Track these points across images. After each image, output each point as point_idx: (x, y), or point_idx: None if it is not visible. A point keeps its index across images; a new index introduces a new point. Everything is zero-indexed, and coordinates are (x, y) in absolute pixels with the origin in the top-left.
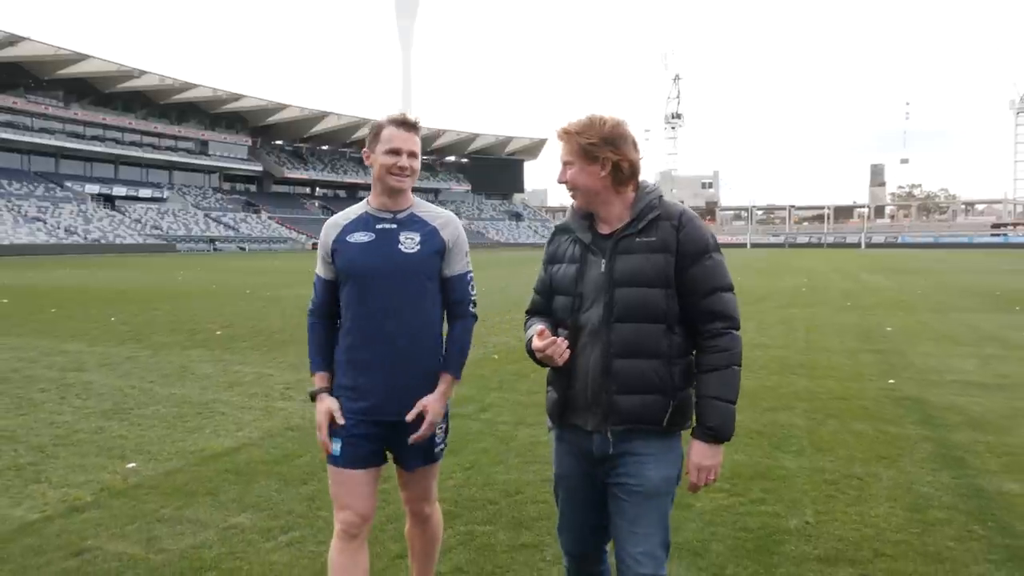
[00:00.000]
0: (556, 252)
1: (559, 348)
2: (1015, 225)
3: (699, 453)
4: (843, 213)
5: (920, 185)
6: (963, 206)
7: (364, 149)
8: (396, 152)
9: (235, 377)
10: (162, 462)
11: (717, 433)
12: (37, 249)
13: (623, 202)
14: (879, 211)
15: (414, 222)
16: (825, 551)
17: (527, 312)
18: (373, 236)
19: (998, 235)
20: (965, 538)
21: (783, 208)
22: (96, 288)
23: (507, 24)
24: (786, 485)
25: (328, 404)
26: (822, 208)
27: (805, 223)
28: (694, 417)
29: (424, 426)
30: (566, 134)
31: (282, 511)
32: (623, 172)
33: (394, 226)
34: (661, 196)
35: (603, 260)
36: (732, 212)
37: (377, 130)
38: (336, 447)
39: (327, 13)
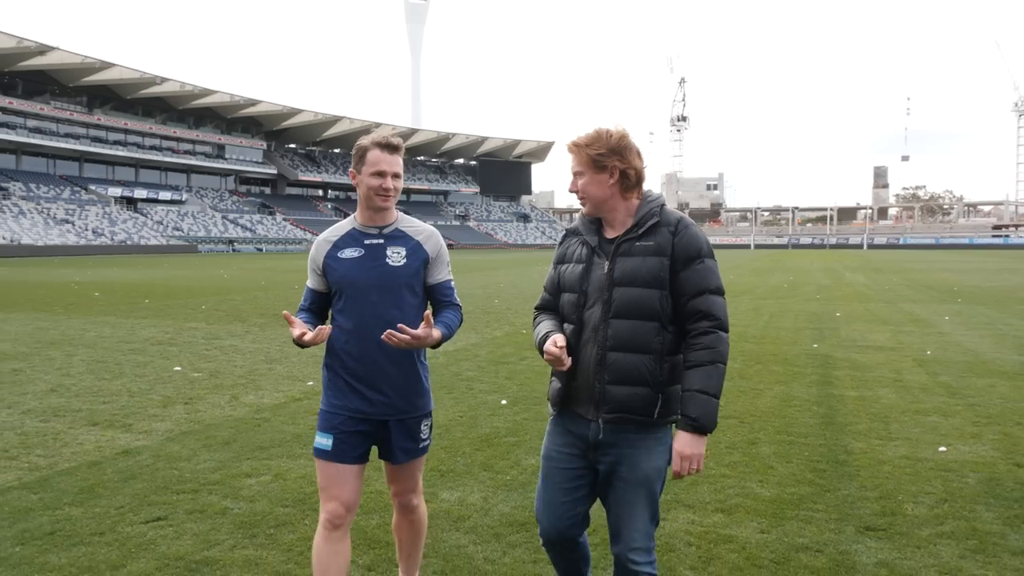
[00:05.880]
0: (566, 253)
1: (563, 364)
2: (1016, 226)
3: (682, 443)
4: (847, 215)
5: (925, 186)
6: (966, 208)
7: (350, 169)
8: (381, 175)
9: None
10: None
11: (699, 424)
12: (69, 250)
13: (627, 209)
14: (882, 212)
15: (399, 237)
16: (723, 415)
17: (536, 308)
18: (363, 251)
19: (999, 236)
20: (804, 411)
21: (787, 210)
22: (162, 283)
23: (515, 29)
24: None
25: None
26: (825, 210)
27: (809, 224)
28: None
29: (410, 334)
30: (576, 147)
31: None
32: (630, 179)
33: (381, 241)
34: (663, 205)
35: (606, 262)
36: (737, 213)
37: (363, 152)
38: (328, 442)
39: (339, 20)
